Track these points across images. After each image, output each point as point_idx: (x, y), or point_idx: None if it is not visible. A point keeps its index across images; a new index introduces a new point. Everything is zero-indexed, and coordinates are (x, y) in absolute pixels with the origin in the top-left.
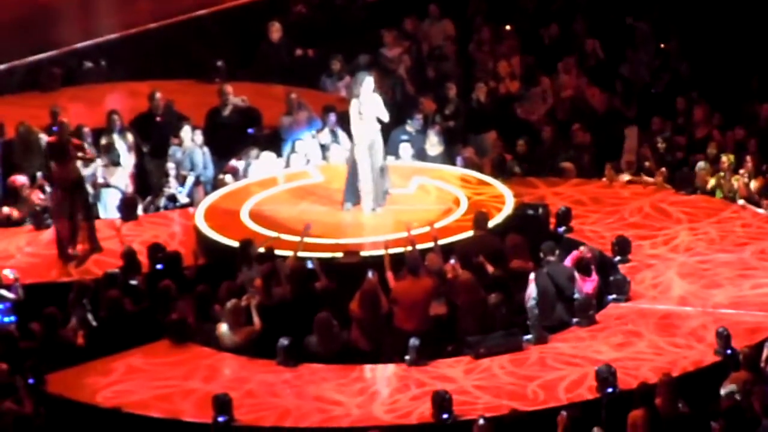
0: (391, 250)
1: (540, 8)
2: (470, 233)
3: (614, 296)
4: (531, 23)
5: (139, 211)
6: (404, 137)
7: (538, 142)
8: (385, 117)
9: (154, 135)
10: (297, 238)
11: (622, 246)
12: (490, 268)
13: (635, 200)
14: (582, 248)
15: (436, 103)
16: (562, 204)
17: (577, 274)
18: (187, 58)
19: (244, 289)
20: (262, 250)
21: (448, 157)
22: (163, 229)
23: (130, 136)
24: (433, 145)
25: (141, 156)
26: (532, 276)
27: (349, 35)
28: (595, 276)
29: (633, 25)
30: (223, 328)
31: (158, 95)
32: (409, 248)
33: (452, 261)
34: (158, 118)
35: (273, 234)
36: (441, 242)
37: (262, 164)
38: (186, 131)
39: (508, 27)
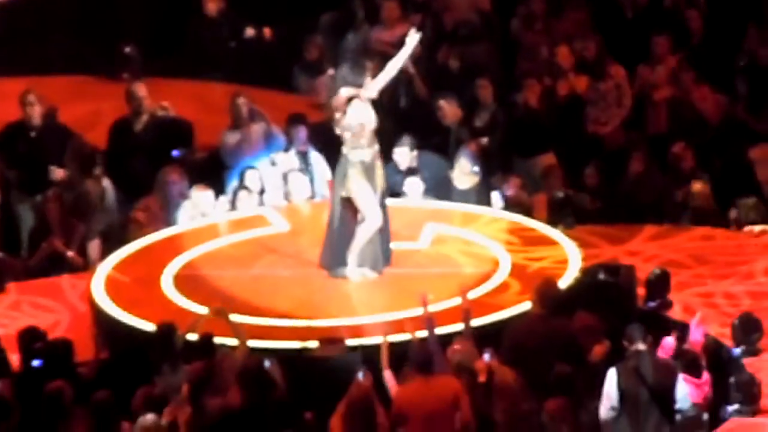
0: (393, 337)
1: None
2: (517, 311)
3: (736, 406)
4: None
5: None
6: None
7: (618, 170)
8: None
9: (27, 159)
10: (247, 319)
11: (749, 328)
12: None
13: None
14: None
15: (463, 111)
16: (651, 265)
17: (680, 373)
18: (78, 41)
19: (166, 399)
20: (192, 337)
21: (484, 193)
22: (43, 307)
23: None
24: (464, 173)
25: (7, 192)
26: (611, 373)
27: (327, 5)
28: (706, 376)
29: None
30: None
31: (32, 98)
32: (423, 334)
33: (486, 356)
34: (33, 134)
35: (202, 312)
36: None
37: (194, 204)
38: None
39: None
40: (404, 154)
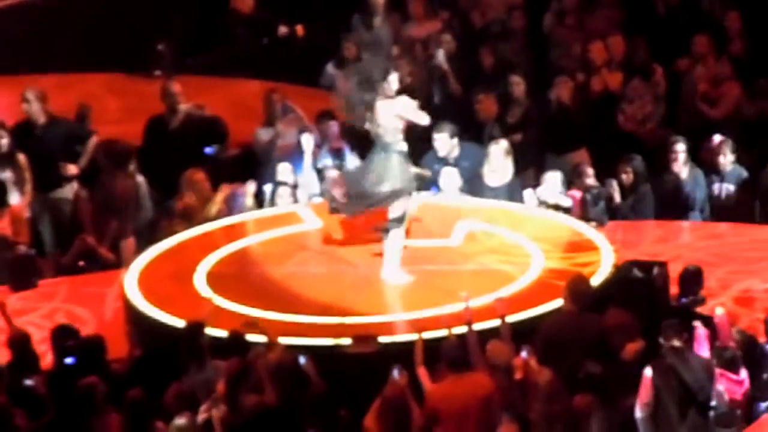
0: (427, 335)
1: None
2: (550, 308)
3: None
4: None
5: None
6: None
7: (654, 168)
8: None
9: (35, 158)
10: (280, 317)
11: None
12: None
13: None
14: (717, 315)
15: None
16: (682, 261)
17: (717, 370)
18: (110, 38)
19: (196, 397)
20: (221, 334)
21: (516, 189)
22: (73, 306)
23: (22, 160)
24: (495, 170)
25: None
26: (647, 372)
27: (361, 4)
28: (744, 374)
29: None
30: None
31: (30, 96)
32: (460, 331)
33: (524, 353)
34: (38, 132)
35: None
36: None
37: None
38: None
39: None
40: (444, 140)
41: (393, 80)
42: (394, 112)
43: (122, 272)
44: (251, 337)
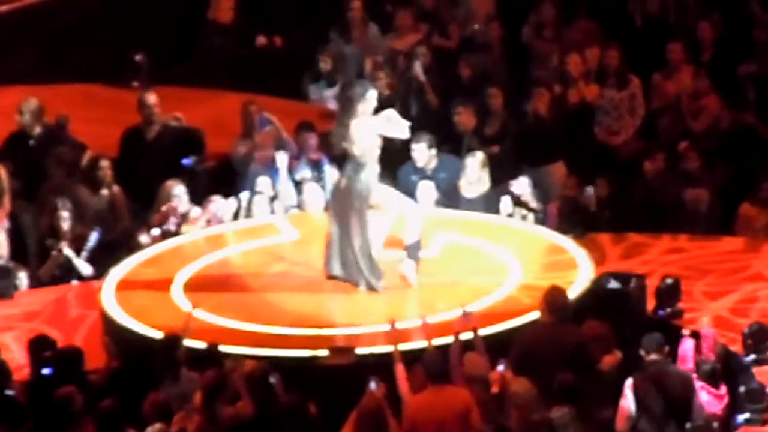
0: (408, 345)
1: None
2: (526, 319)
3: (746, 415)
4: None
5: (23, 284)
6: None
7: (630, 180)
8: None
9: (28, 168)
10: (256, 328)
11: (760, 338)
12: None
13: None
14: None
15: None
16: (659, 274)
17: (698, 383)
18: (88, 49)
19: (171, 408)
20: (198, 345)
21: (493, 201)
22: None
23: (2, 173)
24: (472, 182)
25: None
26: (628, 383)
27: (340, 16)
28: (724, 389)
29: None
30: None
31: (23, 108)
32: (443, 341)
33: (501, 367)
34: (32, 142)
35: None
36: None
37: (210, 213)
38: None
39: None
40: (422, 151)
41: (371, 97)
42: (373, 131)
43: (99, 284)
44: (228, 349)
